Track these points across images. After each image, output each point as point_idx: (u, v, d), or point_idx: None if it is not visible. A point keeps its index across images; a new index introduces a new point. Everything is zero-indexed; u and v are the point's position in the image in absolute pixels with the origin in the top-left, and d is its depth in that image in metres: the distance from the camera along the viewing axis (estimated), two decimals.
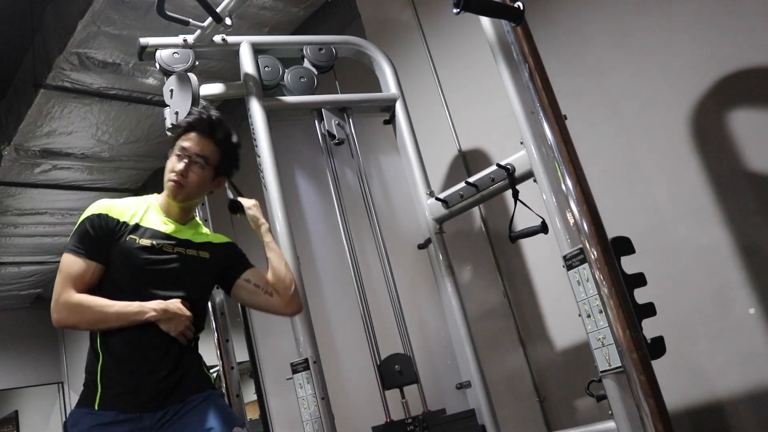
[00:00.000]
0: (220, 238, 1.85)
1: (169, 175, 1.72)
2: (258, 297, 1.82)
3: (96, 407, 1.54)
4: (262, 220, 1.94)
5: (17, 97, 3.99)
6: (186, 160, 1.71)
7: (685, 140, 2.15)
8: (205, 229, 1.86)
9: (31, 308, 7.15)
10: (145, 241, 1.65)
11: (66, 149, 4.33)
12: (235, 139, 1.80)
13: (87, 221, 1.65)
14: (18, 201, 4.84)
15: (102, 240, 1.62)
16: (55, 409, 7.21)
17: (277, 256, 1.89)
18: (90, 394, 1.57)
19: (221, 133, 1.75)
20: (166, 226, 1.72)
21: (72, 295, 1.56)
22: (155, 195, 1.81)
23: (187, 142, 1.72)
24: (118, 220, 1.66)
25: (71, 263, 1.60)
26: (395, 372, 2.15)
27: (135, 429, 1.53)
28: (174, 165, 1.72)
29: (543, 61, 1.77)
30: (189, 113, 1.83)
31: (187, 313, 1.62)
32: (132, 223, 1.67)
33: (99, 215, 1.65)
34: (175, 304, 1.61)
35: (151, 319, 1.57)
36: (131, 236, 1.64)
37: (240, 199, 1.97)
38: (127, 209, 1.70)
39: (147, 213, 1.72)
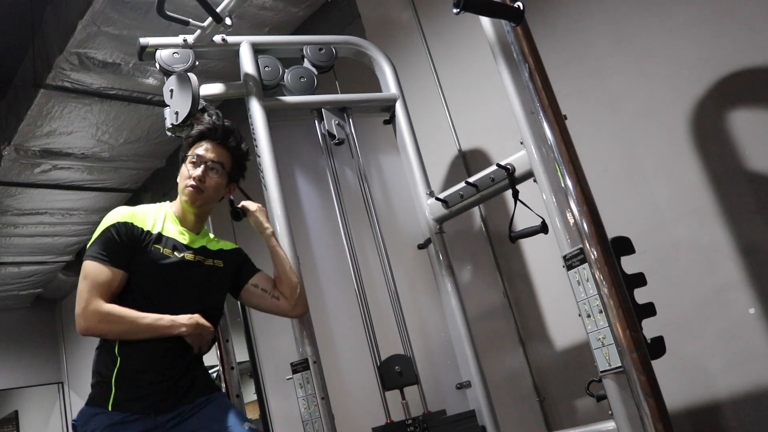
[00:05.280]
0: (229, 245, 1.88)
1: (186, 182, 1.74)
2: (265, 301, 1.86)
3: (110, 408, 1.55)
4: (267, 224, 1.96)
5: (17, 97, 3.99)
6: (202, 167, 1.74)
7: (685, 140, 2.15)
8: (214, 237, 1.88)
9: (31, 308, 7.15)
10: (169, 252, 1.67)
11: (66, 149, 4.33)
12: (245, 147, 1.86)
13: (112, 228, 1.64)
14: (18, 201, 4.83)
15: (127, 248, 1.63)
16: (55, 409, 7.21)
17: (283, 260, 1.92)
18: (103, 394, 1.58)
19: (234, 141, 1.81)
20: (184, 236, 1.74)
21: (102, 305, 1.56)
22: (168, 203, 1.82)
23: (202, 149, 1.77)
24: (142, 229, 1.67)
25: (97, 271, 1.58)
26: (395, 373, 2.14)
27: (147, 427, 1.55)
28: (191, 171, 1.74)
29: (543, 61, 1.77)
30: (200, 121, 1.84)
31: (212, 328, 1.67)
32: (155, 232, 1.68)
33: (125, 223, 1.65)
34: (202, 319, 1.64)
35: (182, 334, 1.60)
36: (155, 246, 1.66)
37: (245, 203, 1.98)
38: (148, 218, 1.71)
39: (166, 222, 1.74)
